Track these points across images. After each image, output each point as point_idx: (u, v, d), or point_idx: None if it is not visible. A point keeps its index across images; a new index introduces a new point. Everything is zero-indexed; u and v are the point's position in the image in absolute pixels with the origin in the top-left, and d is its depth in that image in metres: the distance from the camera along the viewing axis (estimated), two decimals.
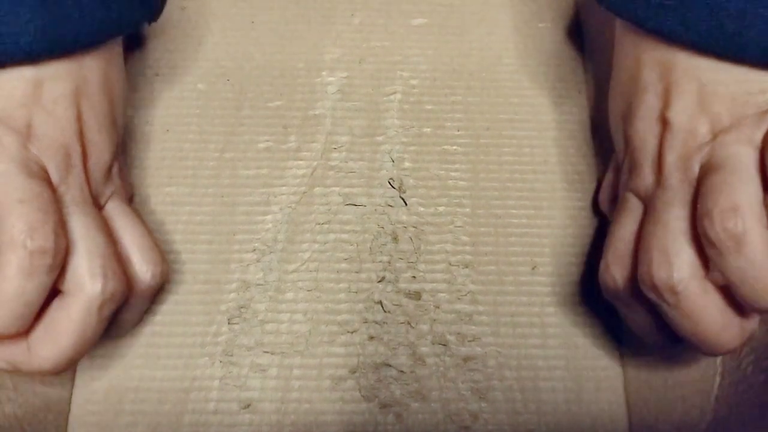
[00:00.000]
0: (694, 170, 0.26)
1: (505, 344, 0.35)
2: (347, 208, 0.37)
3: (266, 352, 0.35)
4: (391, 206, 0.37)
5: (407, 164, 0.38)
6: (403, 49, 0.41)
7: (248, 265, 0.36)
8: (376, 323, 0.35)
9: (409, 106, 0.40)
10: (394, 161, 0.38)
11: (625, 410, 0.35)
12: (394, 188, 0.38)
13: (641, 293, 0.27)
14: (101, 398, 0.34)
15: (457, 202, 0.38)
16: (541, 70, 0.41)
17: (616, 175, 0.33)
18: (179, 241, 0.36)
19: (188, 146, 0.38)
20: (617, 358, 0.35)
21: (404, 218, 0.37)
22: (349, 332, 0.35)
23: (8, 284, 0.24)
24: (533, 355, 0.35)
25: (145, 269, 0.30)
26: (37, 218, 0.24)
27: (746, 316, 0.26)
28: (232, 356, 0.34)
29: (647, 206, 0.28)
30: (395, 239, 0.37)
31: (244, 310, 0.35)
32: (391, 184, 0.38)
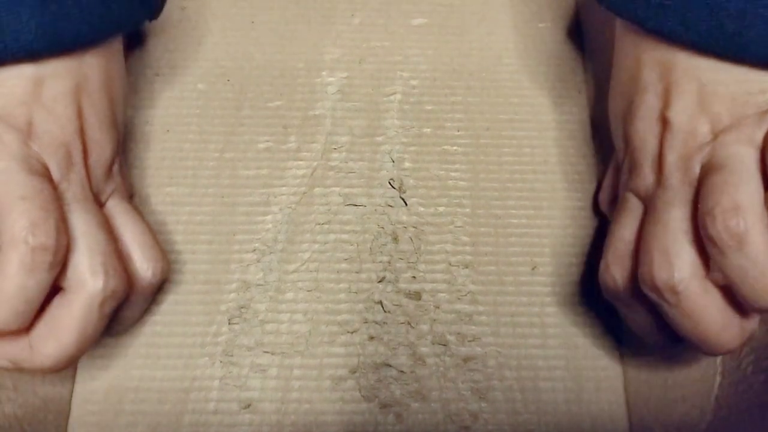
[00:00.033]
0: (694, 170, 0.26)
1: (505, 344, 0.35)
2: (347, 208, 0.37)
3: (266, 352, 0.35)
4: (391, 206, 0.37)
5: (407, 164, 0.38)
6: (403, 49, 0.41)
7: (248, 265, 0.36)
8: (376, 323, 0.35)
9: (409, 106, 0.40)
10: (394, 161, 0.38)
11: (625, 410, 0.35)
12: (394, 188, 0.38)
13: (641, 293, 0.27)
14: (101, 398, 0.34)
15: (457, 202, 0.38)
16: (541, 70, 0.41)
17: (616, 175, 0.33)
18: (179, 241, 0.36)
19: (188, 146, 0.38)
20: (617, 358, 0.35)
21: (404, 218, 0.37)
22: (349, 332, 0.35)
23: (9, 281, 0.24)
24: (533, 355, 0.35)
25: (145, 267, 0.30)
26: (38, 215, 0.24)
27: (747, 315, 0.26)
28: (232, 356, 0.34)
29: (647, 206, 0.28)
30: (395, 239, 0.37)
31: (244, 310, 0.35)
32: (391, 184, 0.38)
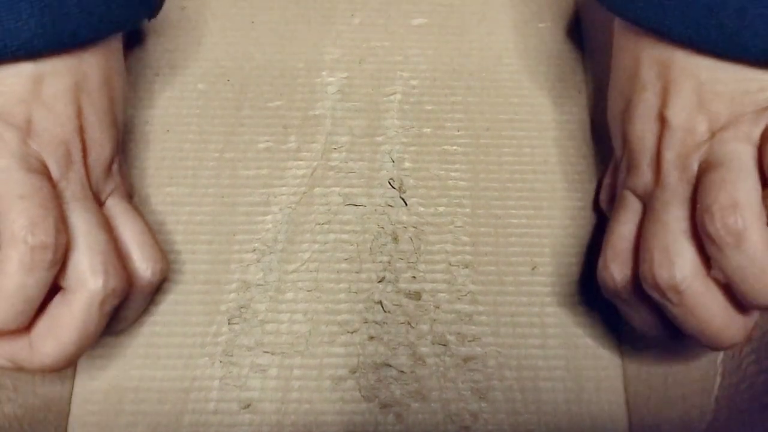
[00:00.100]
0: (692, 168, 0.26)
1: (505, 344, 0.35)
2: (347, 208, 0.37)
3: (266, 352, 0.35)
4: (391, 206, 0.37)
5: (407, 164, 0.38)
6: (403, 49, 0.41)
7: (248, 265, 0.36)
8: (376, 323, 0.35)
9: (409, 106, 0.40)
10: (394, 161, 0.38)
11: (625, 410, 0.35)
12: (394, 188, 0.38)
13: (641, 291, 0.27)
14: (101, 398, 0.34)
15: (457, 202, 0.38)
16: (541, 70, 0.41)
17: (615, 174, 0.33)
18: (179, 241, 0.36)
19: (188, 146, 0.38)
20: (617, 358, 0.35)
21: (404, 218, 0.37)
22: (349, 332, 0.35)
23: (9, 280, 0.24)
24: (533, 355, 0.35)
25: (144, 266, 0.30)
26: (37, 214, 0.24)
27: (748, 311, 0.26)
28: (232, 356, 0.34)
29: (646, 205, 0.28)
30: (395, 239, 0.37)
31: (244, 310, 0.35)
32: (391, 184, 0.38)
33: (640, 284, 0.27)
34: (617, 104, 0.31)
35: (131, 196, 0.34)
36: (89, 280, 0.26)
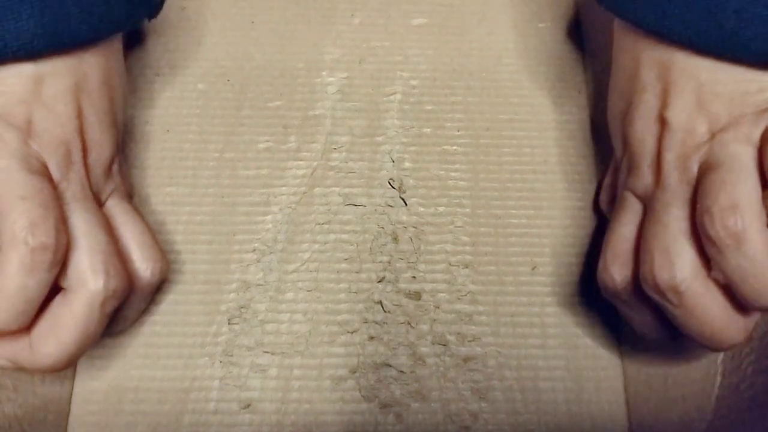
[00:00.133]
0: (692, 170, 0.26)
1: (505, 344, 0.35)
2: (347, 208, 0.37)
3: (266, 352, 0.35)
4: (391, 206, 0.37)
5: (407, 164, 0.38)
6: (403, 49, 0.41)
7: (248, 265, 0.36)
8: (376, 323, 0.35)
9: (409, 106, 0.40)
10: (394, 161, 0.38)
11: (625, 410, 0.35)
12: (394, 188, 0.38)
13: (641, 292, 0.27)
14: (101, 398, 0.34)
15: (457, 202, 0.38)
16: (541, 70, 0.41)
17: (615, 175, 0.33)
18: (179, 241, 0.36)
19: (188, 146, 0.38)
20: (617, 358, 0.35)
21: (404, 218, 0.37)
22: (349, 332, 0.35)
23: (9, 281, 0.24)
24: (533, 355, 0.35)
25: (144, 266, 0.30)
26: (38, 214, 0.24)
27: (748, 311, 0.26)
28: (232, 356, 0.34)
29: (646, 206, 0.28)
30: (395, 239, 0.37)
31: (244, 310, 0.35)
32: (391, 184, 0.38)
33: (640, 285, 0.27)
34: (617, 105, 0.31)
35: (131, 196, 0.34)
36: (90, 280, 0.26)
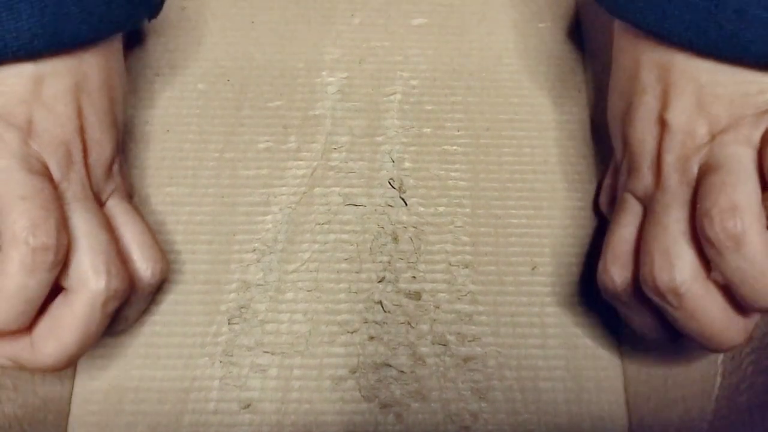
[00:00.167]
0: (692, 171, 0.26)
1: (505, 344, 0.35)
2: (347, 208, 0.37)
3: (266, 352, 0.35)
4: (391, 206, 0.37)
5: (407, 164, 0.38)
6: (403, 49, 0.41)
7: (248, 265, 0.36)
8: (376, 323, 0.35)
9: (409, 106, 0.40)
10: (394, 161, 0.38)
11: (625, 410, 0.35)
12: (394, 188, 0.38)
13: (641, 294, 0.27)
14: (101, 398, 0.34)
15: (457, 202, 0.38)
16: (541, 70, 0.41)
17: (615, 176, 0.33)
18: (179, 241, 0.36)
19: (188, 146, 0.38)
20: (617, 358, 0.35)
21: (404, 218, 0.37)
22: (349, 332, 0.35)
23: (10, 281, 0.24)
24: (533, 355, 0.35)
25: (144, 267, 0.30)
26: (38, 215, 0.24)
27: (748, 313, 0.26)
28: (232, 356, 0.34)
29: (646, 208, 0.28)
30: (395, 239, 0.37)
31: (244, 310, 0.35)
32: (391, 184, 0.38)
33: (640, 287, 0.27)
34: (617, 106, 0.31)
35: (131, 196, 0.34)
36: (92, 280, 0.26)
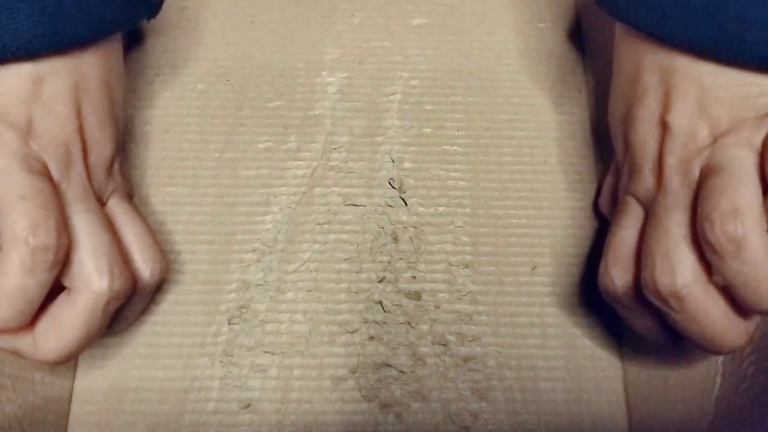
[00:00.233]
0: (694, 174, 0.26)
1: (505, 344, 0.35)
2: (347, 208, 0.37)
3: (266, 352, 0.35)
4: (391, 206, 0.37)
5: (407, 164, 0.38)
6: (403, 49, 0.41)
7: (248, 265, 0.36)
8: (376, 323, 0.35)
9: (409, 106, 0.40)
10: (394, 161, 0.38)
11: (625, 410, 0.35)
12: (394, 188, 0.38)
13: (642, 296, 0.27)
14: (101, 398, 0.34)
15: (457, 202, 0.38)
16: (541, 70, 0.41)
17: (616, 177, 0.33)
18: (179, 241, 0.36)
19: (188, 146, 0.38)
20: (617, 358, 0.35)
21: (404, 218, 0.37)
22: (349, 332, 0.35)
23: (10, 280, 0.24)
24: (533, 355, 0.35)
25: (144, 267, 0.30)
26: (38, 215, 0.24)
27: (749, 315, 0.26)
28: (232, 356, 0.34)
29: (648, 210, 0.28)
30: (395, 239, 0.37)
31: (244, 310, 0.35)
32: (391, 184, 0.38)
33: (641, 290, 0.27)
34: (619, 108, 0.31)
35: (131, 196, 0.34)
36: (95, 281, 0.26)
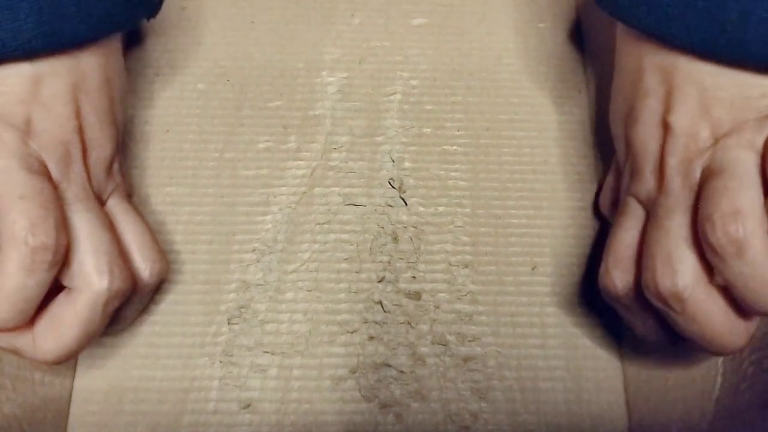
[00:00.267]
0: (695, 175, 0.26)
1: (505, 344, 0.35)
2: (347, 208, 0.37)
3: (266, 352, 0.35)
4: (391, 206, 0.37)
5: (407, 164, 0.38)
6: (403, 49, 0.41)
7: (248, 265, 0.36)
8: (376, 323, 0.35)
9: (409, 106, 0.40)
10: (394, 161, 0.38)
11: (625, 410, 0.35)
12: (394, 188, 0.38)
13: (643, 298, 0.27)
14: (101, 398, 0.34)
15: (457, 202, 0.38)
16: (541, 70, 0.41)
17: (616, 177, 0.33)
18: (179, 241, 0.36)
19: (188, 146, 0.38)
20: (617, 358, 0.35)
21: (404, 218, 0.37)
22: (349, 332, 0.35)
23: (9, 280, 0.24)
24: (533, 355, 0.35)
25: (144, 267, 0.30)
26: (38, 214, 0.24)
27: (750, 316, 0.26)
28: (231, 356, 0.34)
29: (649, 212, 0.28)
30: (395, 239, 0.37)
31: (244, 310, 0.35)
32: (391, 184, 0.38)
33: (642, 291, 0.27)
34: (620, 109, 0.31)
35: (131, 196, 0.34)
36: (95, 281, 0.26)
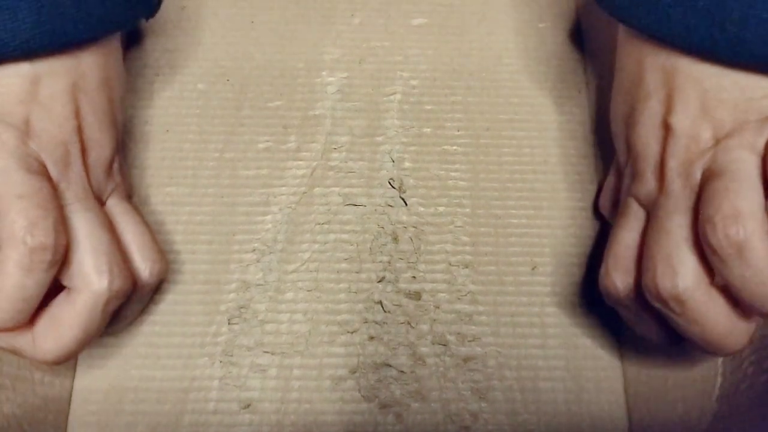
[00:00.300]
0: (696, 176, 0.26)
1: (505, 344, 0.35)
2: (347, 208, 0.37)
3: (266, 352, 0.35)
4: (391, 206, 0.37)
5: (407, 164, 0.38)
6: (403, 49, 0.41)
7: (248, 265, 0.36)
8: (376, 323, 0.35)
9: (409, 106, 0.40)
10: (394, 161, 0.38)
11: (625, 410, 0.35)
12: (394, 188, 0.38)
13: (644, 299, 0.27)
14: (101, 398, 0.34)
15: (457, 202, 0.38)
16: (541, 70, 0.41)
17: (617, 178, 0.33)
18: (179, 241, 0.36)
19: (188, 146, 0.38)
20: (617, 358, 0.35)
21: (404, 218, 0.37)
22: (349, 332, 0.35)
23: (8, 280, 0.24)
24: (533, 355, 0.35)
25: (144, 266, 0.30)
26: (37, 214, 0.24)
27: (751, 317, 0.26)
28: (231, 356, 0.34)
29: (649, 213, 0.28)
30: (395, 239, 0.37)
31: (243, 310, 0.35)
32: (391, 184, 0.38)
33: (642, 292, 0.27)
34: (621, 110, 0.31)
35: (130, 196, 0.34)
36: (95, 281, 0.26)
